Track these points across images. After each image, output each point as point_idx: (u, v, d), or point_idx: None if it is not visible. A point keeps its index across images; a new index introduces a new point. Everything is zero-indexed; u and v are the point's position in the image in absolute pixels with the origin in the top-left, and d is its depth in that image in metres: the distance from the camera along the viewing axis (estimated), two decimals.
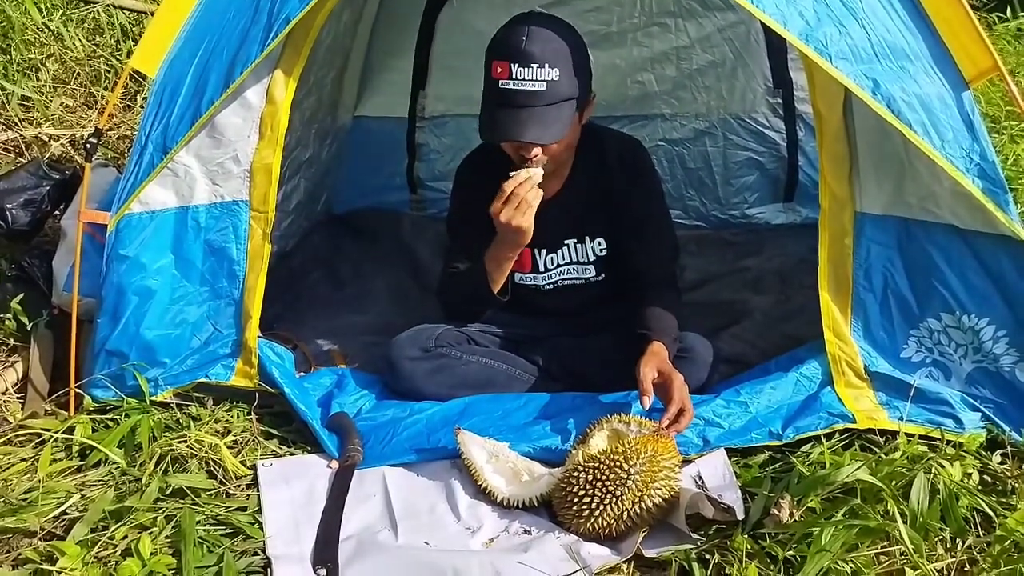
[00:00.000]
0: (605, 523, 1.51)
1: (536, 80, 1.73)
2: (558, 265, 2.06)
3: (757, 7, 1.57)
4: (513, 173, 1.81)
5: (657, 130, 2.85)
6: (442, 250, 2.42)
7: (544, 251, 2.04)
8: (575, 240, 2.04)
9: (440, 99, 2.94)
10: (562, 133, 1.78)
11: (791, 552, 1.44)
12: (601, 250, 2.04)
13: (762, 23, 1.64)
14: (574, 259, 2.06)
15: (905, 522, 1.46)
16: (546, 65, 1.73)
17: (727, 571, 1.44)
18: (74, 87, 3.44)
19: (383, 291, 2.65)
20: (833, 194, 1.75)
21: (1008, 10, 4.66)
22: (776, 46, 2.67)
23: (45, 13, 3.48)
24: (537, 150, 1.80)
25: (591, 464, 1.54)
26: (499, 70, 1.75)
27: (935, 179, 1.65)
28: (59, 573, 1.45)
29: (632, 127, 2.78)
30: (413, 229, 2.94)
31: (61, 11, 3.53)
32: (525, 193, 1.80)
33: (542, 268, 2.06)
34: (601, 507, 1.51)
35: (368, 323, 2.44)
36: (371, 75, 2.92)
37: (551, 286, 2.08)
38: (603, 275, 2.07)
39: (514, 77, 1.74)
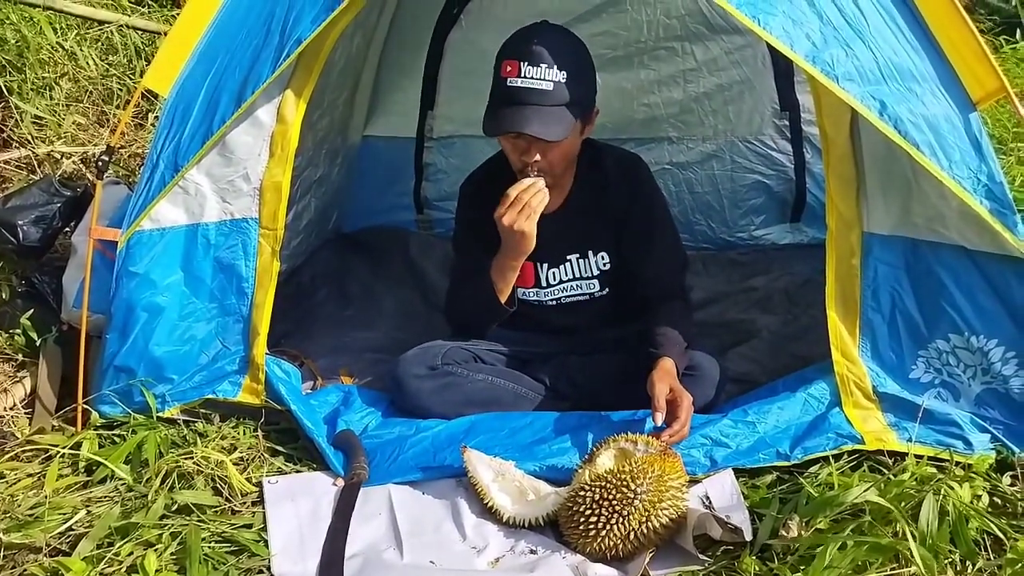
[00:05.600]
0: (612, 543, 1.50)
1: (544, 80, 1.76)
2: (561, 281, 2.06)
3: (764, 29, 1.58)
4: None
5: (664, 153, 2.86)
6: (449, 269, 2.43)
7: (546, 265, 2.05)
8: (577, 255, 2.05)
9: (448, 119, 2.96)
10: (565, 133, 1.80)
11: (799, 574, 1.43)
12: (604, 264, 2.05)
13: (769, 45, 1.65)
14: (577, 274, 2.06)
15: (916, 542, 1.44)
16: (555, 67, 1.77)
17: None
18: (87, 106, 3.48)
19: (390, 309, 2.66)
20: (840, 215, 1.75)
21: (1018, 33, 4.69)
22: (783, 69, 2.68)
23: (59, 33, 3.52)
24: (537, 156, 1.82)
25: (598, 483, 1.54)
26: (508, 68, 1.79)
27: (942, 200, 1.65)
28: None
29: (639, 150, 2.77)
30: (420, 248, 2.95)
31: (75, 31, 3.57)
32: (529, 198, 1.82)
33: (544, 283, 2.06)
34: (608, 527, 1.50)
35: (375, 341, 2.44)
36: (380, 95, 2.95)
37: (554, 302, 2.09)
38: (607, 289, 2.07)
39: (523, 75, 1.77)
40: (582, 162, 2.00)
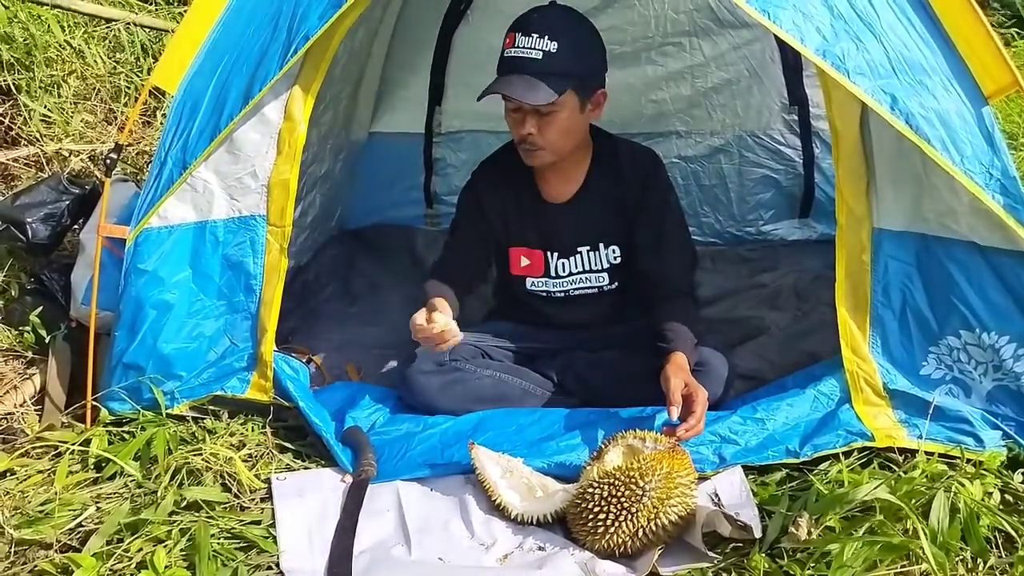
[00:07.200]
0: (620, 540, 1.50)
1: (533, 48, 1.79)
2: (571, 272, 2.06)
3: (774, 23, 1.58)
4: (430, 324, 1.73)
5: (672, 148, 2.85)
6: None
7: (556, 255, 2.05)
8: (589, 248, 2.04)
9: (456, 115, 2.96)
10: (546, 99, 1.80)
11: (809, 571, 1.42)
12: (615, 258, 2.04)
13: (778, 39, 1.64)
14: (588, 267, 2.06)
15: (927, 539, 1.43)
16: (546, 36, 1.79)
17: None
18: (95, 103, 3.48)
19: (397, 305, 2.65)
20: (850, 210, 1.74)
21: None
22: (791, 63, 2.67)
23: (67, 31, 3.53)
24: (532, 129, 1.84)
25: (606, 480, 1.53)
26: (507, 41, 1.83)
27: (954, 195, 1.64)
28: None
29: (647, 145, 2.78)
30: (427, 243, 2.94)
31: (83, 29, 3.58)
32: (435, 336, 1.73)
33: (554, 273, 2.06)
34: (616, 524, 1.49)
35: (382, 337, 2.44)
36: (387, 92, 2.94)
37: (563, 294, 2.08)
38: (616, 283, 2.07)
39: (516, 45, 1.81)
40: (596, 154, 2.00)
